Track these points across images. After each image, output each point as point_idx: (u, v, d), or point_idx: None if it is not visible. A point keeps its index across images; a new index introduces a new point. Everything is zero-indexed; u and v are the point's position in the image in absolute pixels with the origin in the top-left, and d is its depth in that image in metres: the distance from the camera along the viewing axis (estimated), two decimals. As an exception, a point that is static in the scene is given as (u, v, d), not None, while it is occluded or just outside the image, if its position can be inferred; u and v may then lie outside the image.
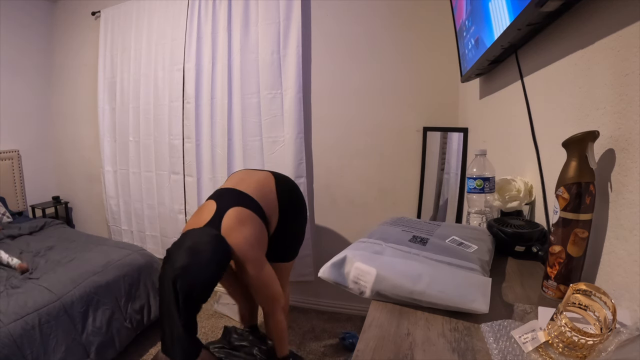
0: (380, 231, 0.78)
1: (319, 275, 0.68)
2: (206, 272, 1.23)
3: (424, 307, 0.59)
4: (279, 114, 2.25)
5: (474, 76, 1.40)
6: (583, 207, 0.56)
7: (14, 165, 2.97)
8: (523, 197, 0.91)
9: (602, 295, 0.44)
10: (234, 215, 1.38)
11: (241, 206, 1.41)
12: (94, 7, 2.86)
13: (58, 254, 2.04)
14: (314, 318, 2.31)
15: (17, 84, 2.98)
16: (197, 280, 1.21)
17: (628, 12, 0.53)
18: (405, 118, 2.11)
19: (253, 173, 1.70)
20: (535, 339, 0.46)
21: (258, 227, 1.42)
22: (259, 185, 1.56)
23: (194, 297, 1.22)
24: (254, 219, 1.41)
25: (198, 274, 1.22)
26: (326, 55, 2.22)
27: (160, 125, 2.59)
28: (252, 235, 1.37)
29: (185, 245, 1.27)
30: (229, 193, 1.51)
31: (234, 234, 1.33)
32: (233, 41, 2.30)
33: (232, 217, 1.37)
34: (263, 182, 1.60)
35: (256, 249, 1.38)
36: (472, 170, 0.95)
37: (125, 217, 2.88)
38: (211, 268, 1.24)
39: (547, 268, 0.62)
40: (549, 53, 0.81)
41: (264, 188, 1.56)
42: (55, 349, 1.48)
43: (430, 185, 2.08)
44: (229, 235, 1.33)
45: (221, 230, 1.34)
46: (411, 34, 2.04)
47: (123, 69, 2.73)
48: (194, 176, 2.49)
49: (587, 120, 0.64)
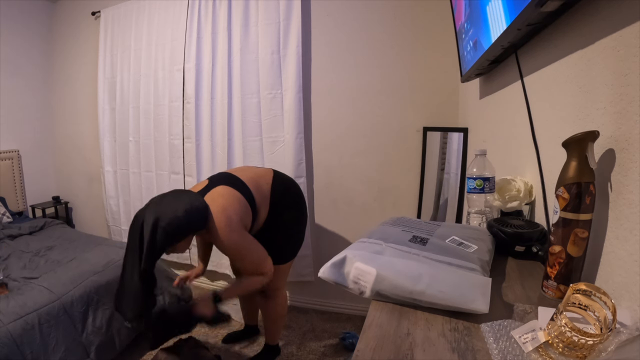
0: (380, 231, 0.78)
1: (319, 275, 0.68)
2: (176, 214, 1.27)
3: (424, 307, 0.59)
4: (279, 114, 2.25)
5: (474, 76, 1.40)
6: (583, 207, 0.56)
7: (14, 165, 2.97)
8: (523, 197, 0.91)
9: (602, 295, 0.44)
10: (219, 191, 1.43)
11: (230, 186, 1.45)
12: (94, 7, 2.86)
13: (58, 254, 2.04)
14: (314, 318, 2.31)
15: (17, 84, 2.98)
16: (165, 216, 1.26)
17: (628, 12, 0.53)
18: (405, 118, 2.11)
19: (254, 167, 1.75)
20: (535, 339, 0.46)
21: (241, 205, 1.43)
22: (256, 176, 1.59)
23: (157, 232, 1.25)
24: (240, 199, 1.44)
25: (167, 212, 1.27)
26: (326, 55, 2.22)
27: (160, 125, 2.59)
28: (231, 208, 1.39)
29: (167, 195, 1.38)
30: (223, 175, 1.57)
31: (213, 204, 1.37)
32: (233, 41, 2.30)
33: (216, 191, 1.42)
34: (261, 174, 1.63)
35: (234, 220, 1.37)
36: (472, 170, 0.95)
37: (125, 217, 2.87)
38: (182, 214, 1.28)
39: (547, 268, 0.62)
40: (549, 53, 0.81)
41: (260, 179, 1.59)
42: (55, 349, 1.48)
43: (430, 185, 2.08)
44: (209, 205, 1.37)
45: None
46: (411, 34, 2.04)
47: (123, 69, 2.73)
48: (194, 176, 2.49)
49: (587, 120, 0.64)
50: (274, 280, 1.69)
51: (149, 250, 1.25)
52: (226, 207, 1.38)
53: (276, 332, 1.84)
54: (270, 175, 1.65)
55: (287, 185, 1.70)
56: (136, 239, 1.27)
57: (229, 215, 1.36)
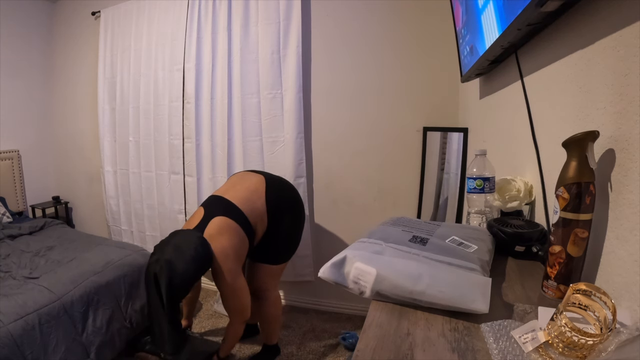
0: (380, 231, 0.78)
1: (319, 275, 0.68)
2: (186, 268, 1.37)
3: (424, 307, 0.59)
4: (279, 114, 2.24)
5: (474, 76, 1.40)
6: (583, 207, 0.56)
7: (14, 165, 2.97)
8: (523, 197, 0.91)
9: (602, 295, 0.44)
10: (216, 224, 1.49)
11: (226, 216, 1.51)
12: (94, 7, 2.86)
13: (58, 254, 2.04)
14: (314, 318, 2.31)
15: (17, 84, 2.98)
16: (177, 273, 1.36)
17: (628, 12, 0.53)
18: (405, 118, 2.11)
19: (247, 178, 1.74)
20: (535, 339, 0.46)
21: (237, 238, 1.51)
22: (249, 194, 1.62)
23: (174, 289, 1.37)
24: (236, 230, 1.51)
25: (178, 268, 1.36)
26: (326, 55, 2.22)
27: (160, 125, 2.59)
28: (230, 246, 1.47)
29: (171, 243, 1.44)
30: (217, 202, 1.62)
31: (213, 242, 1.45)
32: (233, 41, 2.30)
33: (214, 226, 1.49)
34: (253, 189, 1.65)
35: (231, 259, 1.48)
36: (472, 170, 0.95)
37: (125, 217, 2.88)
38: (192, 266, 1.38)
39: (547, 268, 0.62)
40: (549, 53, 0.81)
41: (252, 196, 1.62)
42: (56, 349, 1.48)
43: (430, 185, 2.08)
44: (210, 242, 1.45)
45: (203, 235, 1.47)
46: (411, 34, 2.04)
47: (123, 69, 2.73)
48: (194, 176, 2.49)
49: (587, 120, 0.64)
50: (264, 282, 1.71)
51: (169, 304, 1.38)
52: (225, 246, 1.46)
53: (272, 333, 1.85)
54: (263, 187, 1.66)
55: (281, 191, 1.72)
56: (155, 293, 1.40)
57: (227, 254, 1.46)
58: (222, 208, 1.55)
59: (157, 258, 1.41)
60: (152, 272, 1.40)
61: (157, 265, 1.39)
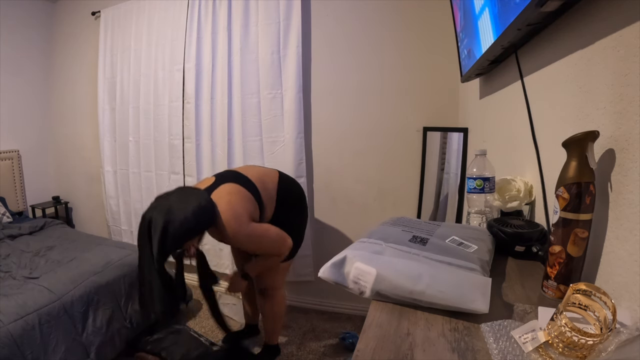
0: (380, 231, 0.78)
1: (319, 275, 0.68)
2: (186, 218, 1.26)
3: (424, 307, 0.59)
4: (279, 114, 2.24)
5: (473, 76, 1.40)
6: (583, 207, 0.56)
7: (14, 165, 2.97)
8: (523, 197, 0.91)
9: (602, 295, 0.44)
10: (225, 189, 1.42)
11: (237, 184, 1.45)
12: (94, 7, 2.86)
13: (58, 254, 2.04)
14: (314, 318, 2.31)
15: (17, 84, 2.98)
16: (175, 220, 1.25)
17: (628, 12, 0.53)
18: (405, 118, 2.11)
19: (260, 166, 1.75)
20: (535, 339, 0.46)
21: (250, 202, 1.43)
22: (262, 174, 1.59)
23: (167, 237, 1.25)
24: (246, 194, 1.43)
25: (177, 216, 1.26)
26: (326, 55, 2.22)
27: (160, 125, 2.59)
28: (241, 206, 1.39)
29: (175, 193, 1.36)
30: (230, 173, 1.56)
31: (220, 201, 1.36)
32: (233, 41, 2.29)
33: (223, 189, 1.41)
34: (267, 173, 1.64)
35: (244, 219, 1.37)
36: (472, 170, 0.95)
37: (125, 217, 2.87)
38: (192, 217, 1.27)
39: (547, 268, 0.62)
40: (549, 53, 0.81)
41: (266, 177, 1.59)
42: (56, 349, 1.48)
43: (430, 185, 2.08)
44: (216, 202, 1.36)
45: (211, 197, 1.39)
46: (411, 34, 2.04)
47: (123, 69, 2.72)
48: (193, 176, 2.49)
49: (587, 120, 0.64)
50: (273, 280, 1.69)
51: (159, 253, 1.26)
52: (233, 204, 1.37)
53: (275, 332, 1.85)
54: (276, 175, 1.66)
55: (291, 186, 1.72)
56: (146, 242, 1.28)
57: (236, 211, 1.36)
58: (235, 178, 1.48)
59: (155, 205, 1.31)
60: (147, 219, 1.28)
61: (153, 212, 1.28)
